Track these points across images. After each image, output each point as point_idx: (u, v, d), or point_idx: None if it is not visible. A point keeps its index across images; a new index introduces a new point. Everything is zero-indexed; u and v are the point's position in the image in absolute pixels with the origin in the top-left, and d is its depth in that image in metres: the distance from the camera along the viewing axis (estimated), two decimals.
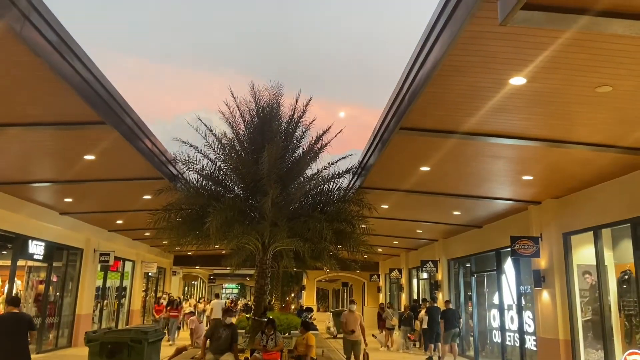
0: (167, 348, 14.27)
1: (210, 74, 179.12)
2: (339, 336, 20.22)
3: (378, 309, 21.82)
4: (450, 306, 15.10)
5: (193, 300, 29.97)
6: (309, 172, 11.41)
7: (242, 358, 10.14)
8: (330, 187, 11.55)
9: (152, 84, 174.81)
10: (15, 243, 13.11)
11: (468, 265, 16.63)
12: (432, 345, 15.55)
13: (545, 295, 10.94)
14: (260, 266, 11.23)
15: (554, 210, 10.87)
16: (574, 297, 10.37)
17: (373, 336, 18.11)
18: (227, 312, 10.06)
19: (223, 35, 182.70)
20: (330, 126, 11.13)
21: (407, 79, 6.42)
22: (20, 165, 9.59)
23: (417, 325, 17.04)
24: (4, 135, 7.68)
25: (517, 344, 12.69)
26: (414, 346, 17.81)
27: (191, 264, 30.85)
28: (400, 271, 23.79)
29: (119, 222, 16.71)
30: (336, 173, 11.21)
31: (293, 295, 36.85)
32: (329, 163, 11.26)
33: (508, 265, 13.49)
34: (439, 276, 18.31)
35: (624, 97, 5.68)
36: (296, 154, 11.51)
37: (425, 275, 20.59)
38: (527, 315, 12.34)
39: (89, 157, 8.83)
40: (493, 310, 14.52)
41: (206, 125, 10.88)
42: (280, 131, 11.19)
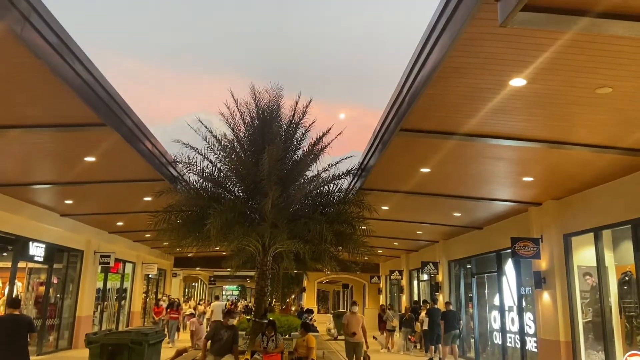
0: (168, 350, 14.26)
1: (210, 76, 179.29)
2: (340, 338, 20.20)
3: (379, 311, 21.81)
4: (450, 307, 15.09)
5: (193, 302, 29.96)
6: (309, 174, 11.40)
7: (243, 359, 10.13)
8: (330, 189, 11.54)
9: (153, 86, 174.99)
10: (15, 245, 13.10)
11: (468, 266, 16.62)
12: (433, 346, 15.54)
13: (545, 296, 10.93)
14: (260, 268, 11.22)
15: (555, 211, 10.87)
16: (575, 299, 10.36)
17: (374, 338, 18.09)
18: (229, 314, 10.06)
19: (223, 36, 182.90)
20: (330, 128, 11.14)
21: (407, 81, 6.42)
22: (20, 167, 9.59)
23: (418, 326, 17.03)
24: (5, 137, 7.68)
25: (518, 346, 12.67)
26: (415, 348, 17.79)
27: (192, 266, 30.88)
28: (400, 273, 23.78)
29: (120, 224, 16.71)
30: (336, 174, 11.21)
31: (293, 296, 36.86)
32: (329, 164, 11.27)
33: (508, 266, 13.48)
34: (440, 278, 18.30)
35: (624, 99, 5.68)
36: (296, 156, 11.51)
37: (425, 276, 20.57)
38: (528, 316, 12.33)
39: (90, 159, 8.84)
40: (494, 311, 14.50)
41: (206, 126, 10.89)
42: (280, 133, 11.19)
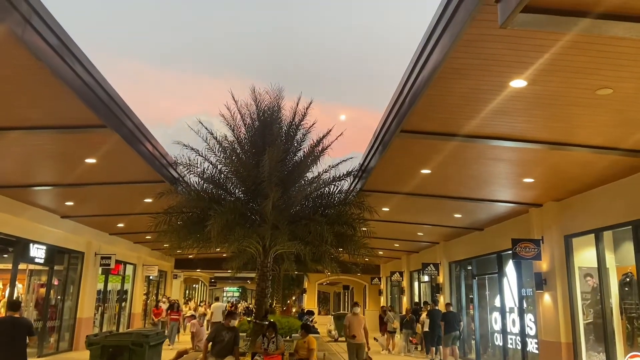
0: (168, 351, 14.26)
1: (210, 76, 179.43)
2: (341, 339, 20.19)
3: (380, 312, 21.79)
4: (450, 309, 15.08)
5: (193, 303, 29.95)
6: (310, 175, 11.42)
7: None
8: (331, 190, 11.55)
9: (153, 87, 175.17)
10: (16, 247, 13.10)
11: (469, 268, 16.61)
12: (434, 348, 15.53)
13: (546, 297, 10.92)
14: (261, 269, 11.22)
15: (555, 212, 10.86)
16: (576, 300, 10.35)
17: (375, 339, 18.08)
18: (230, 315, 10.05)
19: (223, 37, 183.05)
20: (331, 129, 11.15)
21: (408, 82, 6.42)
22: (21, 168, 9.60)
23: (419, 328, 17.02)
24: (5, 138, 7.68)
25: (519, 347, 12.65)
26: (416, 349, 17.78)
27: (192, 267, 30.87)
28: (401, 274, 23.77)
29: (120, 226, 16.72)
30: (337, 176, 11.22)
31: (294, 298, 36.89)
32: (330, 166, 11.28)
33: (509, 268, 13.47)
34: (440, 279, 18.28)
35: (625, 100, 5.68)
36: (297, 157, 11.52)
37: (426, 278, 20.54)
38: (529, 318, 12.31)
39: (90, 161, 8.84)
40: (494, 313, 14.49)
41: (207, 128, 10.90)
42: (281, 134, 11.20)
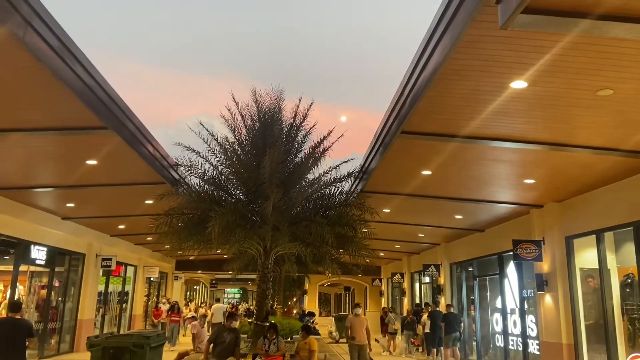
0: (169, 353, 14.26)
1: (211, 77, 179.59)
2: (342, 341, 20.18)
3: (381, 313, 21.78)
4: (451, 310, 15.07)
5: (193, 305, 29.94)
6: (311, 177, 11.43)
7: None
8: (331, 191, 11.55)
9: (153, 88, 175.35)
10: (17, 248, 13.11)
11: (470, 269, 16.60)
12: (435, 349, 15.51)
13: (548, 299, 10.91)
14: (262, 270, 11.22)
15: (556, 213, 10.86)
16: (577, 301, 10.33)
17: (376, 340, 18.05)
18: (231, 317, 10.05)
19: (224, 38, 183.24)
20: (331, 130, 11.16)
21: (408, 83, 6.43)
22: (22, 170, 9.60)
23: (420, 329, 17.00)
24: (7, 140, 7.69)
25: (520, 348, 12.64)
26: (417, 350, 17.76)
27: (193, 269, 30.85)
28: (402, 275, 23.75)
29: (121, 227, 16.72)
30: (338, 177, 11.22)
31: (295, 299, 36.87)
32: (331, 167, 11.28)
33: (510, 269, 13.46)
34: (441, 280, 18.27)
35: (626, 100, 5.68)
36: (298, 158, 11.52)
37: (427, 279, 20.54)
38: (530, 319, 12.30)
39: (91, 162, 8.85)
40: (496, 314, 14.48)
41: (208, 129, 10.91)
42: (281, 135, 11.20)
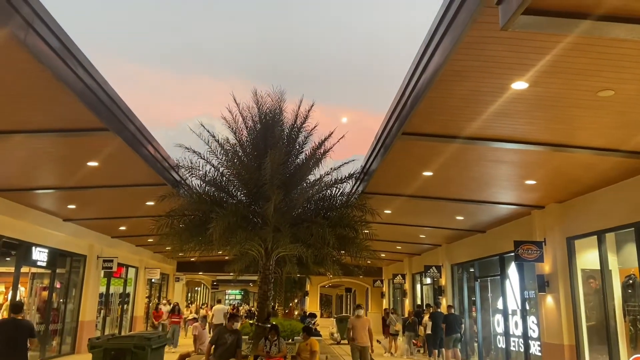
0: (170, 354, 14.26)
1: (212, 78, 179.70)
2: (343, 342, 20.17)
3: (382, 314, 21.78)
4: (452, 311, 15.05)
5: (194, 306, 29.94)
6: (312, 178, 11.39)
7: None
8: (333, 193, 11.52)
9: (154, 89, 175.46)
10: (19, 250, 13.13)
11: (472, 270, 16.58)
12: (436, 350, 15.49)
13: (549, 300, 10.90)
14: (263, 272, 11.21)
15: (558, 214, 10.85)
16: (579, 302, 10.32)
17: (377, 341, 18.05)
18: (233, 318, 10.04)
19: (225, 39, 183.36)
20: (332, 131, 11.12)
21: (409, 84, 6.43)
22: (23, 172, 9.61)
23: (422, 330, 16.99)
24: (8, 142, 7.71)
25: (522, 350, 12.63)
26: (418, 352, 17.75)
27: (194, 270, 30.85)
28: (403, 276, 23.74)
29: (122, 229, 16.73)
30: (339, 178, 11.18)
31: (296, 301, 36.85)
32: (332, 168, 11.24)
33: (512, 270, 13.45)
34: (443, 281, 18.26)
35: (627, 101, 5.67)
36: (299, 160, 11.50)
37: (428, 280, 20.53)
38: (532, 320, 12.28)
39: (92, 164, 8.86)
40: (497, 315, 14.47)
41: (209, 131, 10.89)
42: (282, 137, 11.19)
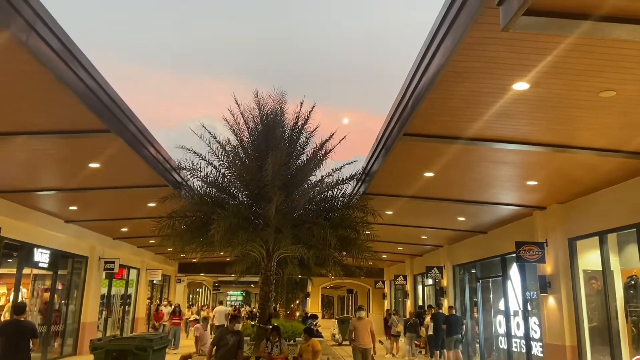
0: (172, 356, 14.26)
1: (213, 79, 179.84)
2: (344, 343, 20.16)
3: (385, 315, 21.76)
4: (453, 312, 15.03)
5: (195, 307, 29.95)
6: (313, 179, 11.41)
7: None
8: (334, 194, 11.53)
9: (156, 91, 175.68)
10: (20, 251, 13.15)
11: (473, 271, 16.57)
12: (438, 351, 15.47)
13: (551, 301, 10.88)
14: (264, 273, 11.21)
15: (559, 215, 10.83)
16: (580, 303, 10.31)
17: (380, 342, 18.05)
18: (234, 319, 10.05)
19: (226, 40, 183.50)
20: (333, 132, 11.14)
21: (410, 85, 6.43)
22: (25, 173, 9.63)
23: (423, 331, 16.97)
24: (10, 143, 7.72)
25: (524, 350, 12.61)
26: (420, 353, 17.73)
27: (196, 272, 30.86)
28: (405, 277, 23.73)
29: (124, 230, 16.75)
30: (340, 179, 11.19)
31: (298, 302, 36.82)
32: (333, 169, 11.26)
33: (513, 271, 13.44)
34: (444, 282, 18.24)
35: (628, 102, 5.67)
36: (300, 161, 11.51)
37: (430, 281, 20.52)
38: (533, 321, 12.27)
39: (94, 165, 8.87)
40: (499, 316, 14.45)
41: (210, 132, 10.91)
42: (284, 138, 11.20)
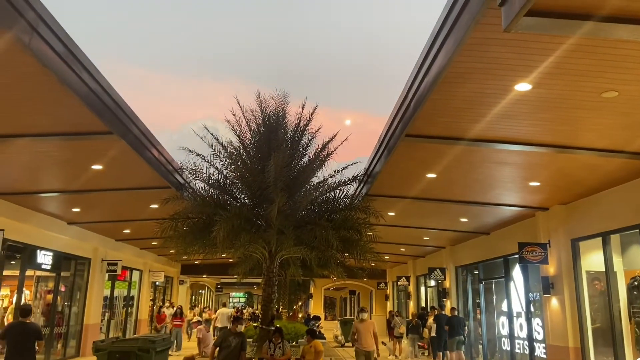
0: (174, 357, 14.27)
1: (216, 83, 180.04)
2: (347, 345, 20.14)
3: (387, 317, 21.75)
4: (455, 313, 15.01)
5: (197, 309, 29.96)
6: (315, 180, 11.43)
7: None
8: (336, 195, 11.55)
9: (159, 93, 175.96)
10: (23, 253, 13.17)
11: (476, 272, 16.54)
12: (441, 353, 15.44)
13: (554, 302, 10.86)
14: (267, 274, 11.22)
15: (562, 216, 10.81)
16: (584, 304, 10.28)
17: (383, 343, 18.02)
18: (237, 321, 10.05)
19: (227, 41, 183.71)
20: (336, 134, 11.16)
21: (412, 86, 6.43)
22: (28, 175, 9.65)
23: (426, 333, 16.94)
24: (13, 146, 7.74)
25: (527, 352, 12.58)
26: (423, 354, 17.70)
27: (198, 273, 30.87)
28: (407, 279, 23.71)
29: (127, 232, 16.77)
30: (342, 181, 11.21)
31: (300, 303, 36.79)
32: (335, 171, 11.28)
33: (516, 272, 13.41)
34: (447, 283, 18.22)
35: (630, 102, 5.66)
36: (302, 162, 11.53)
37: (433, 282, 20.49)
38: (536, 322, 12.24)
39: (97, 167, 8.89)
40: (502, 317, 14.42)
41: (212, 134, 10.94)
42: (286, 139, 11.22)
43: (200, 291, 44.10)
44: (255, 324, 15.21)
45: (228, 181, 11.28)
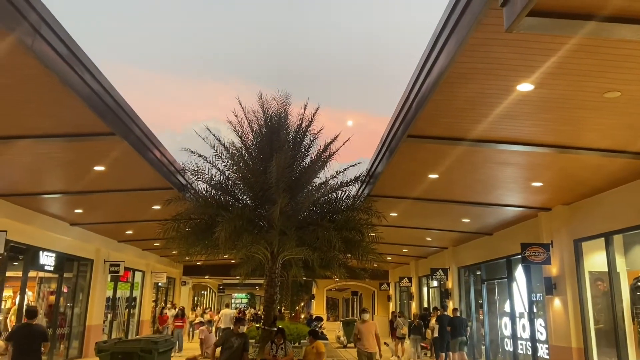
0: (176, 359, 14.27)
1: (218, 84, 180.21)
2: (349, 345, 20.13)
3: (390, 317, 21.73)
4: (458, 314, 14.99)
5: (199, 310, 29.96)
6: (318, 181, 11.43)
7: None
8: (338, 196, 11.54)
9: (161, 94, 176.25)
10: (26, 254, 13.19)
11: (478, 273, 16.53)
12: (443, 354, 15.42)
13: (557, 302, 10.84)
14: (269, 275, 11.22)
15: (565, 216, 10.80)
16: (586, 305, 10.26)
17: (385, 344, 18.00)
18: (239, 321, 10.06)
19: (229, 42, 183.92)
20: (338, 134, 11.15)
21: (414, 87, 6.43)
22: (30, 177, 9.67)
23: (429, 333, 16.92)
24: (15, 147, 7.76)
25: (529, 353, 12.56)
26: (425, 355, 17.68)
27: (201, 274, 30.94)
28: (410, 279, 23.69)
29: (129, 233, 16.79)
30: (344, 181, 11.20)
31: (302, 304, 36.80)
32: (337, 171, 11.27)
33: (519, 272, 13.39)
34: (449, 284, 18.20)
35: (633, 102, 5.65)
36: (304, 163, 11.53)
37: (435, 283, 20.47)
38: (539, 323, 12.22)
39: (99, 168, 8.90)
40: (504, 318, 14.40)
41: (214, 135, 10.95)
42: (288, 140, 11.22)
43: (202, 292, 44.12)
44: (257, 325, 15.21)
45: (230, 182, 11.29)
